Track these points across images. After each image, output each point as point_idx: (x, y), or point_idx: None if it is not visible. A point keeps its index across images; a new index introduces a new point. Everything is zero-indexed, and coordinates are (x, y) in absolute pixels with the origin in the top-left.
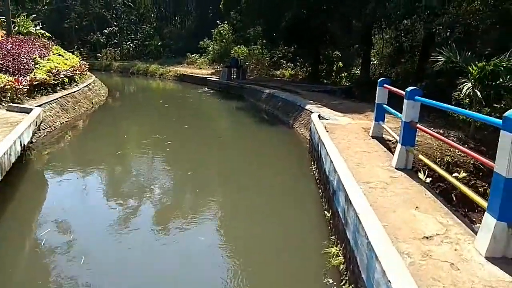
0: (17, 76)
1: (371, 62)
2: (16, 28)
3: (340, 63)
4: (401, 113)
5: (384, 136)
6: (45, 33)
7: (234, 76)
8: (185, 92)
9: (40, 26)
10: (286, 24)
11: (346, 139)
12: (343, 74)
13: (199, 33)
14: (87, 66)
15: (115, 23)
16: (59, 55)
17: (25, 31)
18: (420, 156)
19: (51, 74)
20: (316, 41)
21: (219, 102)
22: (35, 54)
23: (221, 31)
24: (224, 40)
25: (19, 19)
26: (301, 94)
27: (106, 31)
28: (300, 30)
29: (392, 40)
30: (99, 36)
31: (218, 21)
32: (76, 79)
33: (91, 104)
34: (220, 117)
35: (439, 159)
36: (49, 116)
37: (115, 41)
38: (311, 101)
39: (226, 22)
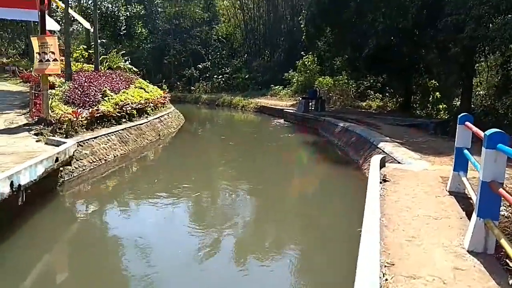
0: (82, 108)
1: (477, 93)
2: (107, 63)
3: (438, 93)
4: None
5: (467, 192)
6: (132, 68)
7: (313, 108)
8: (257, 125)
9: (129, 61)
10: (369, 51)
11: (411, 194)
12: (441, 106)
13: (286, 65)
14: (168, 99)
15: (208, 58)
16: (141, 88)
17: (114, 66)
18: (502, 241)
19: (116, 107)
20: (407, 70)
21: (287, 136)
22: (106, 87)
23: (305, 62)
24: (308, 71)
25: (109, 55)
26: (380, 129)
27: (200, 66)
28: (386, 58)
29: (499, 68)
30: (193, 70)
31: (302, 53)
32: (148, 111)
33: (158, 136)
34: (280, 154)
35: None
36: (103, 149)
37: (207, 75)
38: (388, 138)
39: (310, 53)
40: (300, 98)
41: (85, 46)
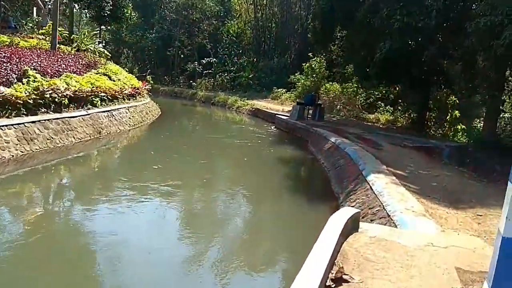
0: None
1: (501, 115)
2: (76, 43)
3: (457, 111)
4: None
5: None
6: (104, 52)
7: (310, 116)
8: (241, 132)
9: (103, 44)
10: (381, 55)
11: None
12: (459, 127)
13: (295, 68)
14: (146, 91)
15: (215, 54)
16: (105, 74)
17: (84, 48)
18: None
19: (34, 92)
20: (424, 82)
21: (267, 151)
22: (29, 67)
23: (313, 65)
24: (315, 75)
25: (79, 36)
26: (381, 149)
27: (203, 61)
28: (401, 66)
29: None
30: (196, 65)
31: (310, 54)
32: (95, 102)
33: (97, 133)
34: (240, 181)
35: None
36: None
37: (210, 71)
38: (385, 167)
39: (322, 55)
40: (295, 103)
41: (51, 23)
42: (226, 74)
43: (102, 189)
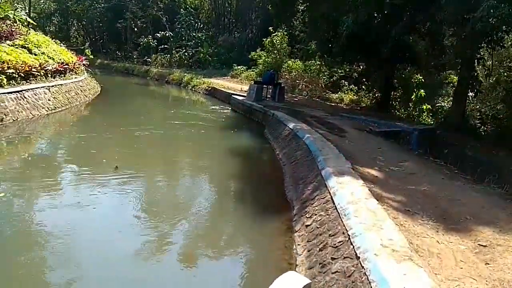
0: None
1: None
2: None
3: (422, 91)
4: None
5: None
6: (26, 19)
7: (269, 96)
8: (188, 117)
9: (26, 11)
10: (346, 31)
11: None
12: (424, 107)
13: (257, 44)
14: (83, 66)
15: (172, 28)
16: (23, 47)
17: (1, 15)
18: None
19: None
20: (389, 59)
21: (213, 140)
22: None
23: (274, 41)
24: (276, 52)
25: None
26: (345, 136)
27: (158, 34)
28: (366, 42)
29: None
30: (150, 39)
31: (271, 28)
32: (0, 81)
33: None
34: (166, 189)
35: None
36: None
37: (166, 46)
38: (349, 164)
39: (284, 29)
40: (252, 83)
41: None
42: (183, 49)
43: None
